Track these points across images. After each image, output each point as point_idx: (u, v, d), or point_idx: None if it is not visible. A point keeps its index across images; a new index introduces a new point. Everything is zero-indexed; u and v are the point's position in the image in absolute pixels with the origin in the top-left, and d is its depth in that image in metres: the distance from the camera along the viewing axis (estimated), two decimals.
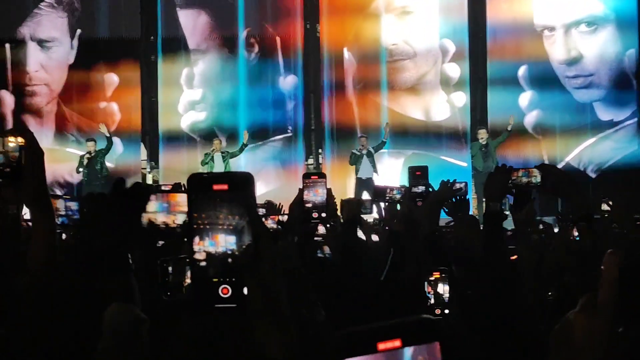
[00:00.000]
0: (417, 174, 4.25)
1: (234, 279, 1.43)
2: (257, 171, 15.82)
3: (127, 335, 2.12)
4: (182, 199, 2.17)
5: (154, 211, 2.39)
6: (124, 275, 2.18)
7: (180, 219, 2.29)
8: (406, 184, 11.07)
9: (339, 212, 4.84)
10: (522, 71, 16.06)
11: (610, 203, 8.07)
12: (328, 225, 4.24)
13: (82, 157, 14.85)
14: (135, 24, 16.88)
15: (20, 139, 1.77)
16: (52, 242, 1.77)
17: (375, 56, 16.45)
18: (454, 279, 3.30)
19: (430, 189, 4.30)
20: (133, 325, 2.13)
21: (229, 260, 1.43)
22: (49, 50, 16.73)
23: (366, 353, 0.98)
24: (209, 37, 16.71)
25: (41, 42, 16.69)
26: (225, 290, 1.43)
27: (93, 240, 1.77)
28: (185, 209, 2.06)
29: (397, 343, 0.98)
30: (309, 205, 3.15)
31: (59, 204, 2.63)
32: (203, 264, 1.44)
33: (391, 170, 15.38)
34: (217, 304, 1.44)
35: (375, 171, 14.73)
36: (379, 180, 13.90)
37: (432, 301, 3.21)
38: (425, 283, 3.20)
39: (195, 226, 1.43)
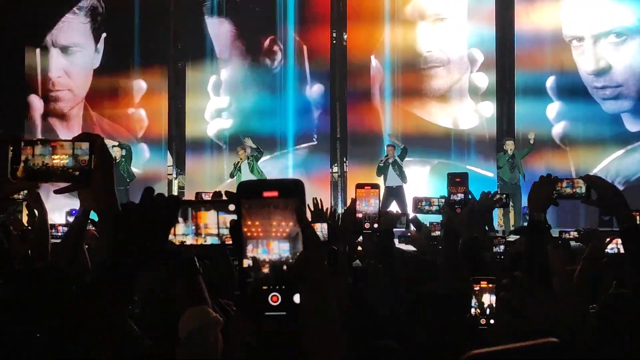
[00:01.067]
0: (457, 180, 4.22)
1: (284, 287, 1.43)
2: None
3: (205, 338, 2.13)
4: (212, 219, 2.13)
5: (182, 234, 2.32)
6: (192, 278, 2.20)
7: (209, 240, 2.23)
8: (434, 192, 11.10)
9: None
10: (550, 82, 15.98)
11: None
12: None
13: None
14: (164, 30, 17.00)
15: (89, 144, 1.79)
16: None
17: (403, 64, 16.45)
18: (500, 288, 3.26)
19: (470, 196, 4.28)
20: (210, 327, 2.14)
21: (281, 268, 1.43)
22: (71, 55, 16.87)
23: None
24: (235, 45, 16.78)
25: (64, 49, 16.83)
26: (275, 299, 1.43)
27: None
28: (216, 230, 2.05)
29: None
30: (361, 215, 3.12)
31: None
32: (254, 271, 1.44)
33: (418, 179, 15.33)
34: (267, 311, 1.44)
35: (403, 180, 14.68)
36: (410, 190, 13.91)
37: (477, 311, 3.17)
38: (481, 294, 3.16)
39: (247, 234, 1.43)
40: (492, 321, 3.16)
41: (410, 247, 5.80)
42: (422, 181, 15.50)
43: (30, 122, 16.83)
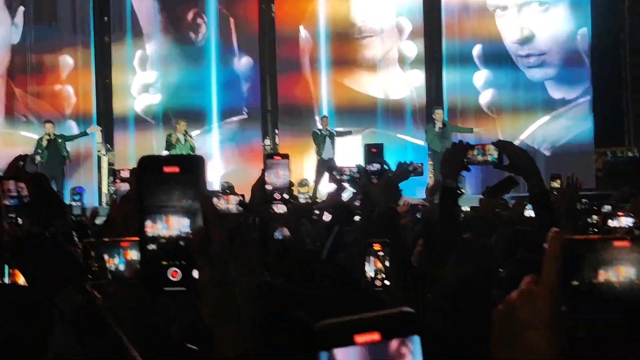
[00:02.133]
0: (373, 151, 4.25)
1: (183, 262, 1.41)
2: (212, 153, 15.81)
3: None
4: None
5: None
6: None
7: None
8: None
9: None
10: (476, 50, 16.17)
11: (559, 181, 8.25)
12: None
13: (40, 139, 14.44)
14: (86, 4, 16.65)
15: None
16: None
17: (333, 34, 16.45)
18: (395, 251, 3.31)
19: (386, 167, 4.31)
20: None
21: (180, 243, 1.41)
22: None
23: (344, 345, 0.96)
24: (159, 19, 16.54)
25: None
26: (174, 274, 1.41)
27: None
28: None
29: (375, 336, 0.97)
30: (270, 186, 3.12)
31: (11, 185, 2.59)
32: (153, 246, 1.42)
33: (349, 149, 15.39)
34: (166, 286, 1.42)
35: (334, 152, 14.76)
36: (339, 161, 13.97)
37: (371, 274, 3.22)
38: (371, 257, 3.20)
39: (147, 209, 1.42)
40: (387, 282, 3.22)
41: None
42: (354, 152, 15.57)
43: None
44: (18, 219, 3.00)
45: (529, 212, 5.11)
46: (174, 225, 1.42)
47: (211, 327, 1.42)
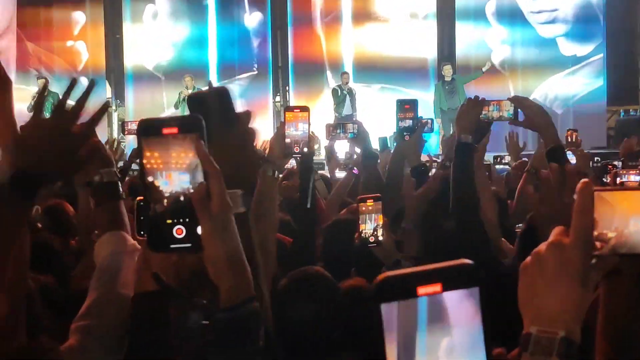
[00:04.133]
0: (406, 107, 4.23)
1: (187, 219, 1.43)
2: None
3: (119, 262, 2.13)
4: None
5: None
6: (112, 203, 2.22)
7: None
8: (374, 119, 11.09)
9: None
10: (488, 6, 16.02)
11: (575, 135, 8.20)
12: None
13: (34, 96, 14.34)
14: None
15: None
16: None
17: None
18: (385, 207, 3.34)
19: (419, 123, 4.32)
20: (125, 254, 2.15)
21: (183, 200, 1.43)
22: None
23: (405, 298, 0.96)
24: None
25: None
26: (179, 231, 1.43)
27: None
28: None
29: (437, 288, 0.97)
30: (289, 140, 3.11)
31: None
32: (157, 204, 1.44)
33: (361, 106, 15.31)
34: (172, 244, 1.44)
35: (354, 110, 14.57)
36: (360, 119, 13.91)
37: (366, 231, 3.25)
38: (366, 214, 3.24)
39: (148, 167, 1.43)
40: (380, 238, 3.25)
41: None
42: (365, 107, 15.51)
43: None
44: None
45: None
46: (175, 183, 1.43)
47: (215, 280, 1.43)
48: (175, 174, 1.43)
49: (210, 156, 1.41)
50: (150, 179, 1.43)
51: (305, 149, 3.12)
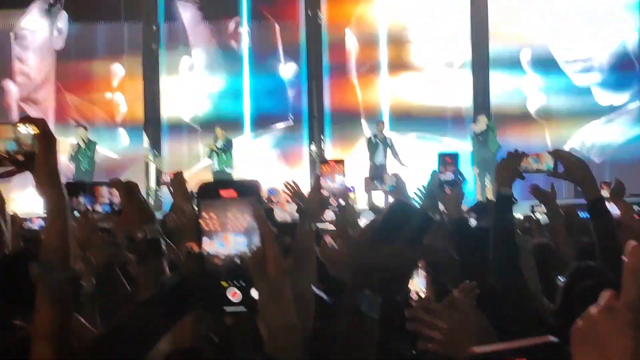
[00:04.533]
0: (447, 160, 4.24)
1: (242, 283, 1.44)
2: (258, 160, 15.86)
3: None
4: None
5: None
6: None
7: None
8: (411, 167, 11.03)
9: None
10: (523, 55, 16.04)
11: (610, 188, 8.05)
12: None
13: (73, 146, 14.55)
14: (136, 12, 16.82)
15: (32, 127, 1.77)
16: (65, 230, 1.76)
17: (378, 37, 16.40)
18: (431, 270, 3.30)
19: (460, 177, 4.31)
20: None
21: (239, 263, 1.44)
22: (25, 39, 16.67)
23: None
24: (202, 28, 16.65)
25: (18, 32, 16.64)
26: (234, 294, 1.44)
27: None
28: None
29: None
30: (326, 192, 3.13)
31: (103, 191, 2.65)
32: (213, 266, 1.45)
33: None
34: (226, 306, 1.45)
35: (400, 160, 14.38)
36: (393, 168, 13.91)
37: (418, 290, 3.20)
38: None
39: (205, 228, 1.45)
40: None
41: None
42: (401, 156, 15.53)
43: (7, 108, 16.63)
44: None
45: None
46: (231, 245, 1.44)
47: (269, 343, 1.42)
48: (232, 236, 1.44)
49: (267, 220, 1.41)
50: (206, 239, 1.44)
51: (342, 202, 3.13)
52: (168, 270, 2.32)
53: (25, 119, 1.79)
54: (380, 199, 6.90)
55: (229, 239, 1.45)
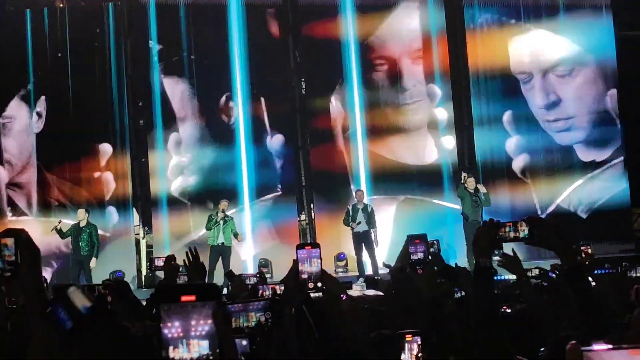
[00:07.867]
0: (416, 241, 4.35)
1: None
2: (247, 232, 15.83)
3: None
4: None
5: None
6: None
7: None
8: (401, 231, 11.07)
9: None
10: (505, 116, 16.26)
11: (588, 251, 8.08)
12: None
13: (73, 225, 14.49)
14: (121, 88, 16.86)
15: (14, 239, 1.80)
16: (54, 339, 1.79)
17: (365, 102, 16.58)
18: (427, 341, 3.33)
19: (430, 258, 4.40)
20: None
21: None
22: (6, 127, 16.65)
23: None
24: (192, 104, 16.73)
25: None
26: None
27: None
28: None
29: None
30: (305, 275, 3.17)
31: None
32: None
33: (385, 218, 15.37)
34: None
35: (371, 225, 14.25)
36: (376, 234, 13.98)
37: None
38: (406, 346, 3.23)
39: (168, 335, 1.48)
40: None
41: None
42: (389, 219, 15.56)
43: None
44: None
45: None
46: (194, 349, 1.48)
47: None
48: (194, 342, 1.48)
49: (226, 324, 1.45)
50: (171, 347, 1.47)
51: (319, 284, 3.16)
52: None
53: (5, 232, 1.82)
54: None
55: (191, 344, 1.48)
